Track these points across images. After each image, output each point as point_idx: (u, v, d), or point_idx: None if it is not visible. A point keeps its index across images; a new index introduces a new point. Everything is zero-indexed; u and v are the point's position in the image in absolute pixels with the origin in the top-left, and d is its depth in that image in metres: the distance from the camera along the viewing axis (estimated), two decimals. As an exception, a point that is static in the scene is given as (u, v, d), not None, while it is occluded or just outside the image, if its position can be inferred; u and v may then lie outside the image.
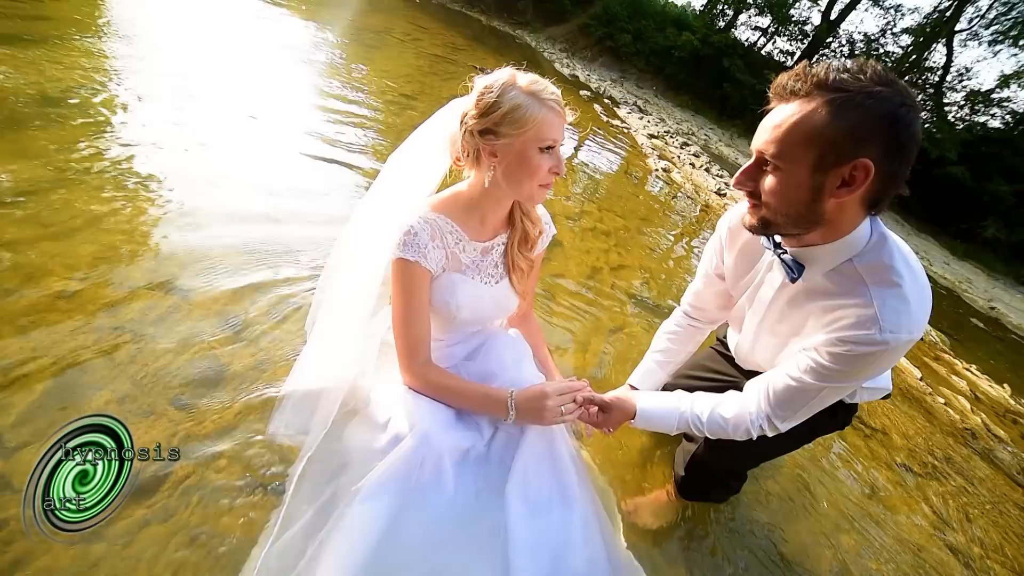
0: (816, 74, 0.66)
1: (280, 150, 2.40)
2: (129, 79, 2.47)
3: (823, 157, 0.65)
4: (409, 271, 0.89)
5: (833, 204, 0.69)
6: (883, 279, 0.72)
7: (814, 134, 0.65)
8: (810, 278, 0.81)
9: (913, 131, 0.64)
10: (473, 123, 0.85)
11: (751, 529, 1.34)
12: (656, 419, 0.97)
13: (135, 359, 1.11)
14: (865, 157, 0.63)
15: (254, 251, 1.59)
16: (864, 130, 0.63)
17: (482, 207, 0.94)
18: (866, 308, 0.72)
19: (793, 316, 0.87)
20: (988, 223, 11.50)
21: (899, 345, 0.72)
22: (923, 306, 0.73)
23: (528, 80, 0.85)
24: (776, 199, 0.72)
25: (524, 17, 14.16)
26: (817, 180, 0.67)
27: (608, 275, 2.42)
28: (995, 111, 13.54)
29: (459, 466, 0.91)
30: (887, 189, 0.69)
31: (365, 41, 5.53)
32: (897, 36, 14.84)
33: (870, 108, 0.62)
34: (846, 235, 0.74)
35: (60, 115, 1.92)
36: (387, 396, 0.96)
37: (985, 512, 1.92)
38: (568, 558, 0.88)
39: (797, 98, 0.67)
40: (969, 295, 8.33)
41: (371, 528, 0.79)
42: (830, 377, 0.79)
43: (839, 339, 0.74)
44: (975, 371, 3.78)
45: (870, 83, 0.63)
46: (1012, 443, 2.66)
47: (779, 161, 0.69)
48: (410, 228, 0.88)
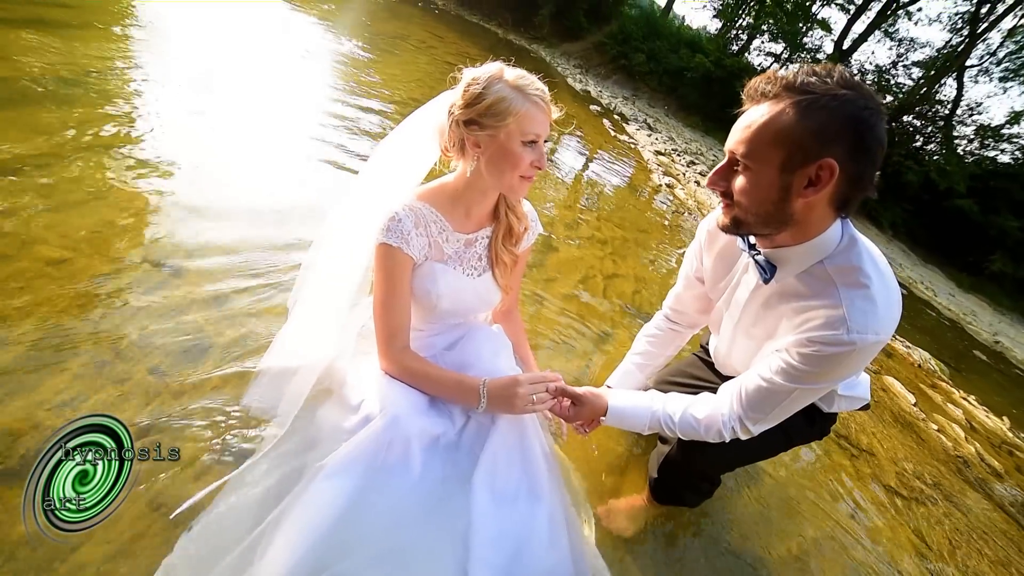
0: (785, 77, 0.68)
1: (287, 143, 2.46)
2: (147, 67, 2.54)
3: (790, 157, 0.67)
4: (392, 256, 0.90)
5: (801, 204, 0.71)
6: (852, 281, 0.73)
7: (782, 134, 0.67)
8: (782, 279, 0.82)
9: (877, 133, 0.66)
10: (459, 113, 0.87)
11: (727, 544, 1.31)
12: (628, 417, 0.97)
13: (118, 327, 1.13)
14: (830, 157, 0.65)
15: (251, 236, 1.62)
16: (829, 131, 0.65)
17: (467, 198, 0.96)
18: (835, 309, 0.73)
19: (767, 318, 0.88)
20: (996, 257, 11.41)
21: (867, 346, 0.72)
22: (891, 308, 0.74)
23: (515, 74, 0.86)
24: (747, 198, 0.74)
25: (540, 32, 14.42)
26: (785, 180, 0.69)
27: (601, 282, 2.43)
28: (1005, 146, 13.56)
29: (427, 451, 0.91)
30: (853, 190, 0.70)
31: (380, 46, 5.66)
32: (908, 68, 14.98)
33: (835, 110, 0.65)
34: (816, 236, 0.75)
35: (73, 95, 1.99)
36: (362, 378, 0.98)
37: (971, 541, 1.87)
38: (531, 552, 0.88)
39: (767, 100, 0.70)
40: (973, 328, 8.23)
41: (332, 504, 0.79)
42: (800, 378, 0.79)
43: (808, 339, 0.75)
44: (973, 401, 3.72)
45: (836, 86, 0.65)
46: (1007, 474, 2.60)
47: (749, 161, 0.72)
48: (395, 215, 0.90)
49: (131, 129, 1.93)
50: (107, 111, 1.99)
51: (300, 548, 0.74)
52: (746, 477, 1.57)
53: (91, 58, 2.37)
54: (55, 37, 2.41)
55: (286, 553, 0.74)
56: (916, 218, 12.26)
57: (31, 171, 1.48)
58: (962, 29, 13.79)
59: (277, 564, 0.73)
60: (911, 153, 12.95)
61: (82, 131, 1.78)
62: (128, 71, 2.42)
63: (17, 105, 1.78)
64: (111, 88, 2.18)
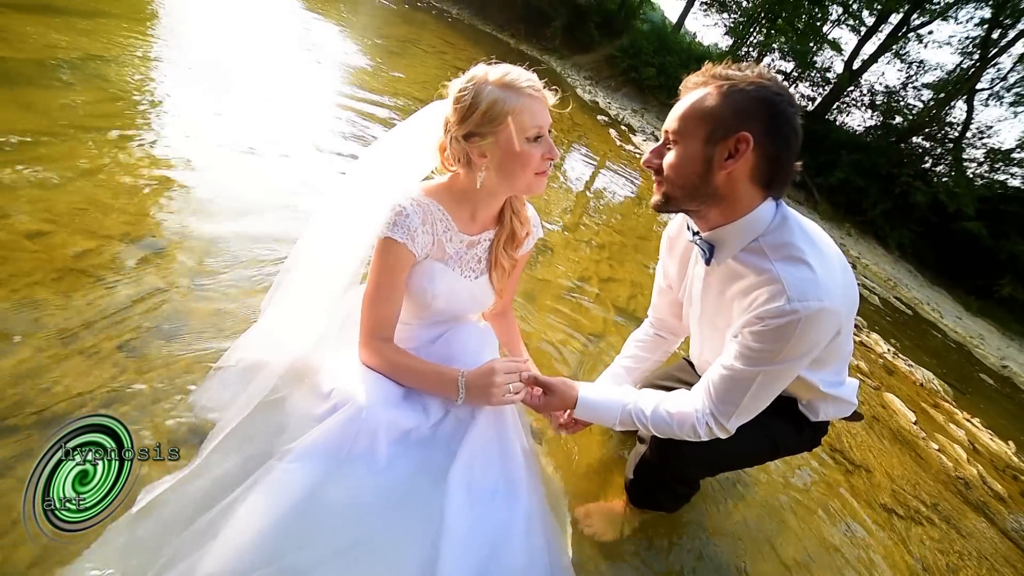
0: (712, 69, 0.79)
1: (285, 136, 2.47)
2: (156, 56, 2.58)
3: (713, 131, 0.76)
4: (394, 251, 0.88)
5: (723, 177, 0.78)
6: (785, 254, 0.77)
7: (706, 112, 0.76)
8: (722, 260, 0.86)
9: (788, 117, 0.75)
10: (455, 129, 0.85)
11: (709, 554, 1.26)
12: (598, 409, 0.94)
13: (92, 302, 1.11)
14: (747, 131, 0.74)
15: (238, 224, 1.61)
16: (746, 110, 0.74)
17: (474, 201, 0.94)
18: (774, 283, 0.76)
19: (723, 306, 0.89)
20: (1005, 281, 11.23)
21: (812, 314, 0.73)
22: (830, 275, 0.76)
23: (499, 72, 0.84)
24: (675, 171, 0.81)
25: (552, 43, 14.57)
26: (708, 152, 0.77)
27: (596, 284, 2.40)
28: (1015, 170, 13.42)
29: (396, 445, 0.89)
30: (772, 169, 0.78)
31: (390, 48, 5.73)
32: (919, 90, 14.96)
33: (751, 93, 0.74)
34: (746, 214, 0.81)
35: (74, 78, 2.01)
36: (337, 366, 0.95)
37: (970, 564, 1.79)
38: (506, 553, 0.85)
39: (697, 87, 0.80)
40: (980, 351, 8.08)
41: (291, 492, 0.77)
42: (757, 359, 0.79)
43: (756, 317, 0.77)
44: (977, 423, 3.62)
45: (755, 77, 0.76)
46: (1011, 499, 2.51)
47: (678, 136, 0.80)
48: (402, 209, 0.87)
49: (129, 113, 1.94)
50: (107, 94, 2.01)
51: (254, 534, 0.72)
52: (734, 486, 1.52)
53: (98, 44, 2.40)
54: (60, 22, 2.45)
55: (240, 537, 0.72)
56: (924, 239, 12.12)
57: (20, 146, 1.49)
58: (973, 53, 13.77)
59: (228, 548, 0.70)
60: (919, 174, 12.83)
61: (78, 112, 1.79)
62: (136, 58, 2.46)
63: (15, 84, 1.80)
64: (114, 73, 2.20)
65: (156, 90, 2.25)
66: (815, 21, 15.06)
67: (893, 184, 12.32)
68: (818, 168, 12.66)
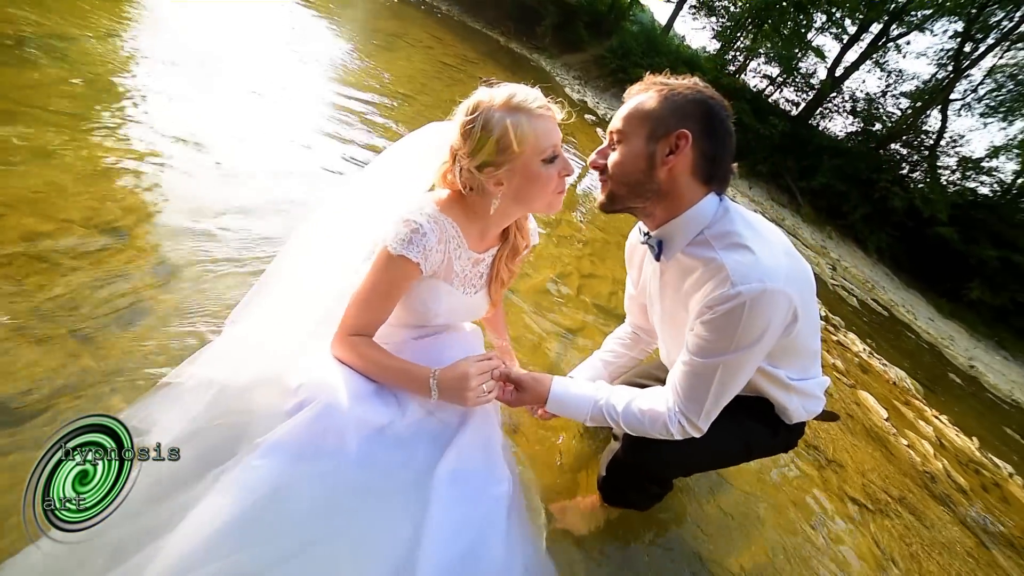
0: (653, 77, 0.86)
1: (265, 126, 2.41)
2: (136, 42, 2.49)
3: (654, 129, 0.81)
4: (403, 268, 0.84)
5: (666, 172, 0.82)
6: (728, 242, 0.81)
7: (648, 112, 0.82)
8: (671, 255, 0.89)
9: (723, 119, 0.81)
10: (467, 161, 0.83)
11: (684, 551, 1.27)
12: (569, 404, 0.94)
13: (43, 287, 1.06)
14: (685, 129, 0.79)
15: (208, 214, 1.56)
16: (684, 110, 0.80)
17: (486, 221, 0.92)
18: (718, 271, 0.78)
19: (678, 303, 0.90)
20: (974, 285, 11.65)
21: (756, 296, 0.74)
22: (774, 257, 0.78)
23: (505, 95, 0.81)
24: (619, 168, 0.85)
25: (542, 42, 14.57)
26: (650, 148, 0.82)
27: (576, 280, 2.41)
28: (985, 178, 13.96)
29: (369, 441, 0.86)
30: (711, 165, 0.82)
31: (376, 41, 5.66)
32: (897, 98, 15.40)
33: (688, 96, 0.81)
34: (688, 208, 0.84)
35: (44, 57, 1.92)
36: (305, 360, 0.92)
37: (932, 553, 1.86)
38: (486, 548, 0.84)
39: (639, 92, 0.86)
40: (950, 352, 8.38)
41: (254, 487, 0.73)
42: (712, 350, 0.80)
43: (705, 307, 0.79)
44: (944, 420, 3.75)
45: (692, 84, 0.83)
46: (972, 492, 2.61)
47: (622, 136, 0.85)
48: (419, 227, 0.83)
49: (99, 96, 1.87)
50: (76, 76, 1.93)
51: (211, 531, 0.69)
52: (710, 484, 1.54)
53: (70, 23, 2.31)
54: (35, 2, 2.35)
55: (196, 535, 0.68)
56: (900, 243, 12.48)
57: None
58: (947, 64, 14.24)
59: (183, 544, 0.67)
60: (897, 180, 13.21)
61: (41, 92, 1.72)
62: (110, 41, 2.37)
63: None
64: (85, 55, 2.12)
65: (129, 75, 2.17)
66: (800, 28, 15.36)
67: (872, 189, 12.66)
68: (801, 172, 12.94)
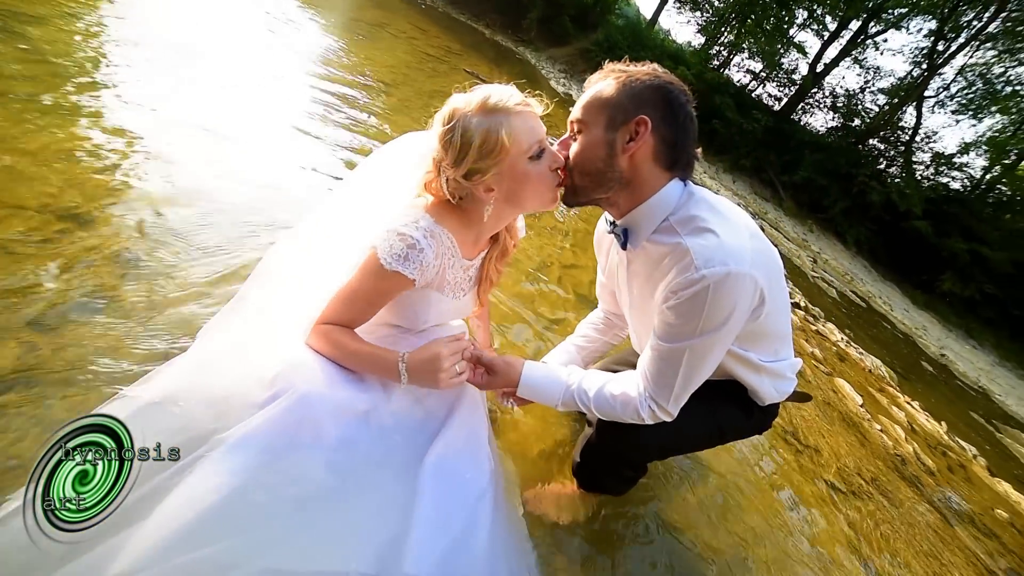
0: (612, 65, 0.85)
1: (241, 116, 2.34)
2: (106, 26, 2.38)
3: (613, 117, 0.80)
4: (395, 282, 0.83)
5: (627, 160, 0.81)
6: (692, 227, 0.80)
7: (606, 100, 0.81)
8: (637, 243, 0.88)
9: (682, 103, 0.80)
10: (452, 171, 0.81)
11: (663, 533, 1.29)
12: (540, 389, 0.94)
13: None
14: (644, 115, 0.78)
15: (173, 202, 1.50)
16: (643, 96, 0.79)
17: (480, 226, 0.90)
18: (683, 256, 0.78)
19: (647, 290, 0.90)
20: (946, 277, 12.07)
21: (720, 279, 0.74)
22: (738, 240, 0.77)
23: (479, 98, 0.79)
24: (580, 158, 0.84)
25: (527, 35, 14.46)
26: (610, 137, 0.81)
27: (557, 270, 2.41)
28: (956, 174, 14.44)
29: (349, 429, 0.85)
30: (672, 151, 0.82)
31: (358, 31, 5.54)
32: (875, 95, 15.77)
33: (647, 82, 0.80)
34: (652, 195, 0.84)
35: (4, 36, 1.83)
36: (282, 352, 0.89)
37: (900, 532, 1.93)
38: (473, 536, 0.84)
39: (599, 80, 0.85)
40: (923, 341, 8.67)
41: (224, 482, 0.71)
42: (679, 335, 0.80)
43: (670, 292, 0.79)
44: (916, 406, 3.89)
45: (651, 71, 0.82)
46: (939, 473, 2.72)
47: (582, 125, 0.84)
48: (415, 242, 0.81)
49: (65, 77, 1.79)
50: (39, 56, 1.84)
51: (182, 523, 0.67)
52: (687, 469, 1.56)
53: (40, 5, 2.19)
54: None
55: (165, 527, 0.66)
56: (878, 237, 12.83)
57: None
58: (921, 62, 14.62)
59: (152, 535, 0.65)
60: (875, 175, 13.56)
61: (3, 74, 1.63)
62: (82, 26, 2.26)
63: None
64: (51, 35, 2.02)
65: (98, 57, 2.08)
66: (782, 24, 15.57)
67: (852, 184, 12.97)
68: (784, 166, 13.18)
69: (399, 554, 0.76)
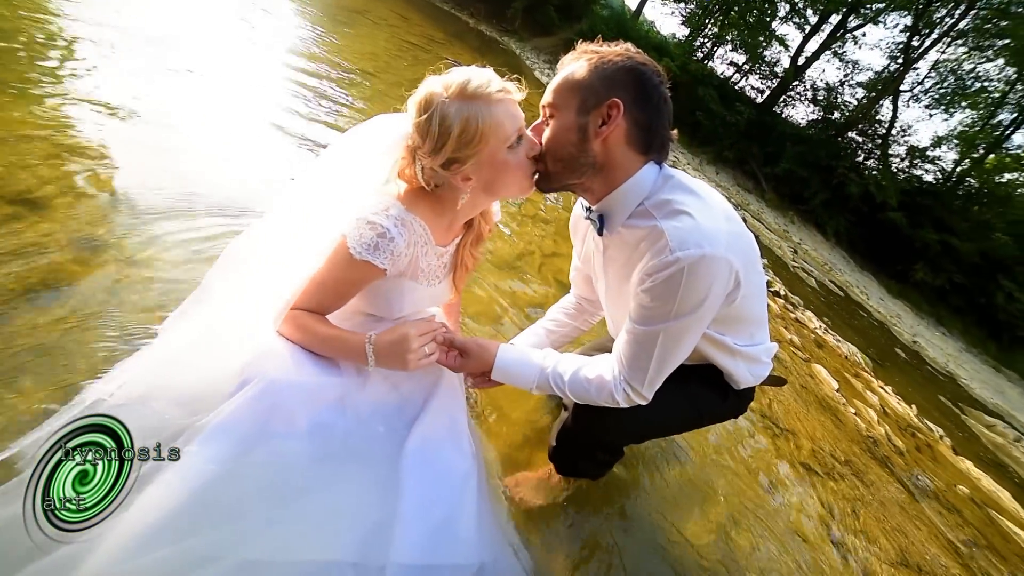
0: (584, 46, 0.83)
1: (213, 101, 2.26)
2: (76, 12, 2.26)
3: (585, 100, 0.78)
4: (365, 272, 0.81)
5: (599, 144, 0.80)
6: (668, 210, 0.79)
7: (577, 83, 0.79)
8: (613, 228, 0.87)
9: (656, 85, 0.79)
10: (429, 160, 0.78)
11: (642, 516, 1.30)
12: (515, 372, 0.93)
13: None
14: (616, 98, 0.77)
15: (140, 185, 1.45)
16: (615, 79, 0.78)
17: (454, 213, 0.89)
18: (658, 238, 0.77)
19: (623, 276, 0.89)
20: (918, 267, 12.48)
21: (694, 262, 0.73)
22: (713, 222, 0.77)
23: (458, 83, 0.76)
24: (552, 143, 0.82)
25: (512, 25, 14.30)
26: (582, 121, 0.79)
27: (538, 258, 2.41)
28: (928, 167, 14.89)
29: (323, 416, 0.83)
30: (646, 134, 0.80)
31: (337, 18, 5.39)
32: (853, 88, 16.08)
33: (619, 64, 0.78)
34: (627, 179, 0.82)
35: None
36: (249, 338, 0.87)
37: (871, 509, 2.00)
38: (457, 521, 0.84)
39: (572, 62, 0.82)
40: (897, 329, 8.98)
41: (198, 474, 0.70)
42: (653, 318, 0.80)
43: (645, 275, 0.78)
44: (889, 391, 4.03)
45: (623, 51, 0.80)
46: (907, 453, 2.83)
47: (554, 109, 0.83)
48: (385, 231, 0.79)
49: (21, 58, 1.69)
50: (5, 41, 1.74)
51: (158, 516, 0.65)
52: (666, 452, 1.59)
53: None
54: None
55: (140, 521, 0.65)
56: (856, 228, 13.17)
57: None
58: (897, 57, 14.96)
59: (125, 531, 0.63)
60: (854, 167, 13.88)
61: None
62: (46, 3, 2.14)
63: None
64: (10, 15, 1.91)
65: (61, 39, 1.98)
66: (765, 16, 15.71)
67: (831, 176, 13.25)
68: (766, 158, 13.38)
69: (385, 541, 0.76)
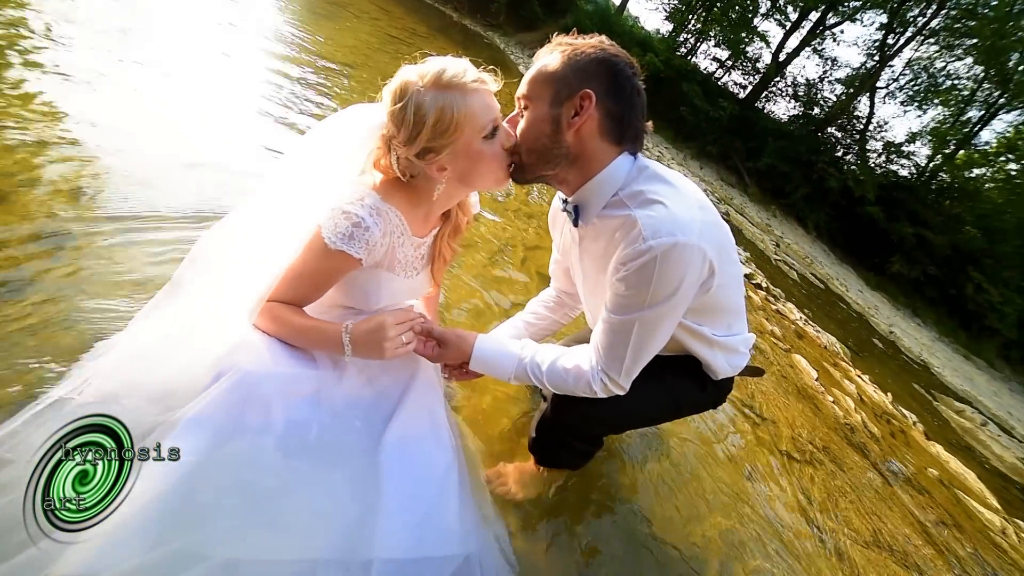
0: (558, 38, 0.83)
1: (190, 95, 2.19)
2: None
3: (558, 92, 0.79)
4: (340, 262, 0.80)
5: (573, 135, 0.80)
6: (642, 200, 0.79)
7: (550, 75, 0.80)
8: (589, 219, 0.87)
9: (628, 76, 0.79)
10: (404, 150, 0.77)
11: (623, 505, 1.31)
12: (493, 362, 0.93)
13: None
14: (588, 89, 0.77)
15: (112, 178, 1.40)
16: (588, 70, 0.78)
17: (430, 204, 0.88)
18: (632, 228, 0.77)
19: (600, 267, 0.89)
20: (895, 259, 12.87)
21: (667, 250, 0.74)
22: (687, 211, 0.77)
23: (433, 72, 0.75)
24: (526, 134, 0.82)
25: (496, 20, 14.23)
26: (555, 112, 0.79)
27: (521, 251, 2.40)
28: (904, 162, 15.36)
29: (299, 410, 0.81)
30: (619, 125, 0.81)
31: (316, 10, 5.27)
32: (832, 84, 16.43)
33: (591, 55, 0.79)
34: (601, 170, 0.83)
35: None
36: (223, 332, 0.85)
37: (847, 494, 2.06)
38: (440, 513, 0.83)
39: (546, 54, 0.83)
40: (875, 320, 9.25)
41: (175, 468, 0.68)
42: (628, 306, 0.80)
43: (619, 264, 0.79)
44: (866, 379, 4.15)
45: (597, 43, 0.80)
46: (882, 439, 2.92)
47: (528, 101, 0.83)
48: (360, 220, 0.78)
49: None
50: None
51: (135, 515, 0.63)
52: (647, 442, 1.60)
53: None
54: None
55: (122, 511, 0.63)
56: (836, 221, 13.51)
57: None
58: (874, 54, 15.33)
59: (112, 529, 0.62)
60: (833, 162, 14.21)
61: None
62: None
63: None
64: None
65: (18, 21, 1.88)
66: (747, 12, 15.91)
67: (812, 170, 13.54)
68: (748, 153, 13.61)
69: (367, 537, 0.75)
